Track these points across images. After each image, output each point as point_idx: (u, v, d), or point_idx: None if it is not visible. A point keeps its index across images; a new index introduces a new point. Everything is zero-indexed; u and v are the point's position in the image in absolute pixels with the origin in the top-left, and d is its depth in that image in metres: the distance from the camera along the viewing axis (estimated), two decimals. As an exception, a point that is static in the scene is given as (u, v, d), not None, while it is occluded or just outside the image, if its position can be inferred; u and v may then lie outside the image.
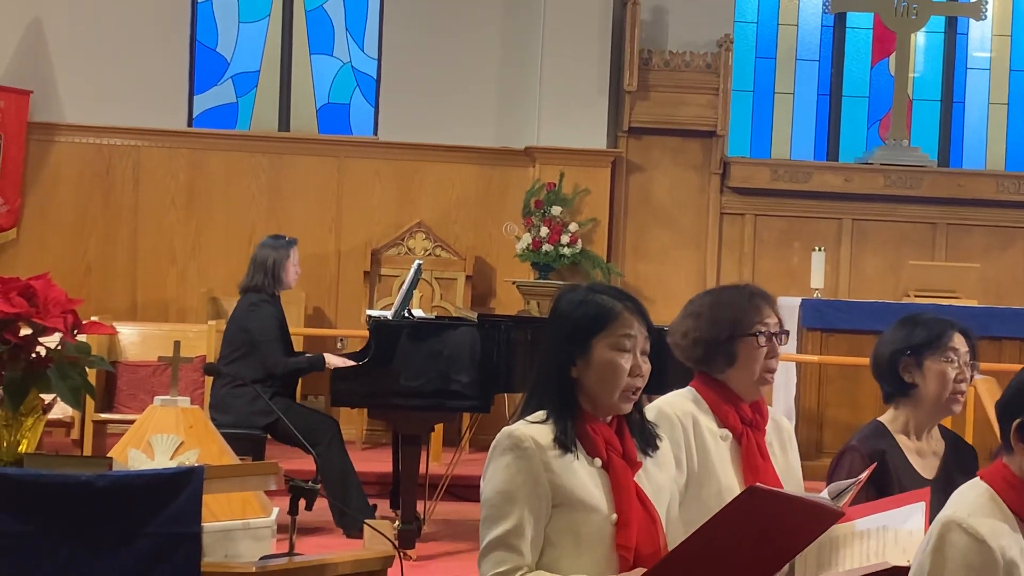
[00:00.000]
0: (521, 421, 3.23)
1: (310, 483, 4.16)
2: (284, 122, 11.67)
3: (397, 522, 7.34)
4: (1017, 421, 3.09)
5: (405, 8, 11.44)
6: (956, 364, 3.87)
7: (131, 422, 4.53)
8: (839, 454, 3.96)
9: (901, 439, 3.90)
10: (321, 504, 7.20)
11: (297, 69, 11.70)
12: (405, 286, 8.19)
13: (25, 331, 3.71)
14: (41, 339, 3.75)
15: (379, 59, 11.59)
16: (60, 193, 11.15)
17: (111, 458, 3.97)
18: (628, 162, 11.44)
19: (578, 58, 11.22)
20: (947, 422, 4.19)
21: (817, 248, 10.64)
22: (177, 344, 5.17)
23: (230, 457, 4.39)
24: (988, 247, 11.47)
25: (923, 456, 3.90)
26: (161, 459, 3.99)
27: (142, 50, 11.21)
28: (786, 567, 3.42)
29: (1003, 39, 11.98)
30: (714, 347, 3.68)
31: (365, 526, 4.36)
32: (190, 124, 11.49)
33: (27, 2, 11.08)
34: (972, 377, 3.98)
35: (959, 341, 3.90)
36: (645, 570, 3.07)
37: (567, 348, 3.21)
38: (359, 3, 11.70)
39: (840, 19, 11.83)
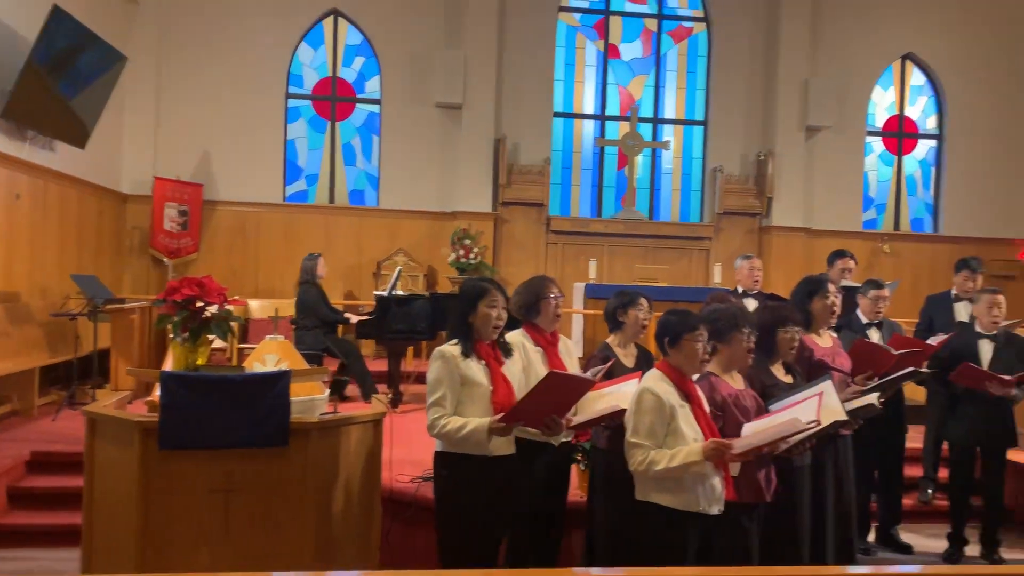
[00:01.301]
0: (446, 344, 3.27)
1: (344, 378, 4.14)
2: (332, 199, 11.49)
3: (390, 394, 7.32)
4: (664, 340, 3.21)
5: (391, 146, 11.33)
6: (643, 312, 3.94)
7: (254, 348, 4.44)
8: (589, 358, 4.02)
9: (617, 350, 3.97)
10: (352, 387, 7.15)
11: (337, 173, 11.53)
12: (393, 280, 8.16)
13: (199, 304, 3.66)
14: (207, 308, 3.70)
15: (379, 167, 11.46)
16: (219, 235, 10.91)
17: (244, 367, 3.92)
18: (501, 218, 11.43)
19: (478, 168, 11.20)
20: (642, 341, 4.23)
21: (593, 260, 10.74)
22: (276, 310, 5.09)
23: (304, 365, 4.34)
24: (672, 258, 11.60)
25: (627, 358, 3.98)
26: (269, 367, 3.94)
27: (261, 163, 11.04)
28: (573, 409, 3.48)
29: (678, 158, 12.16)
30: (529, 307, 3.73)
31: (373, 397, 4.35)
32: (284, 200, 11.26)
33: (201, 140, 10.86)
34: (650, 319, 4.05)
35: (644, 302, 3.98)
36: (505, 414, 3.12)
37: (467, 307, 3.25)
38: (368, 142, 11.56)
39: (603, 149, 11.94)
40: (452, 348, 3.23)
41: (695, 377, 3.31)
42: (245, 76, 10.94)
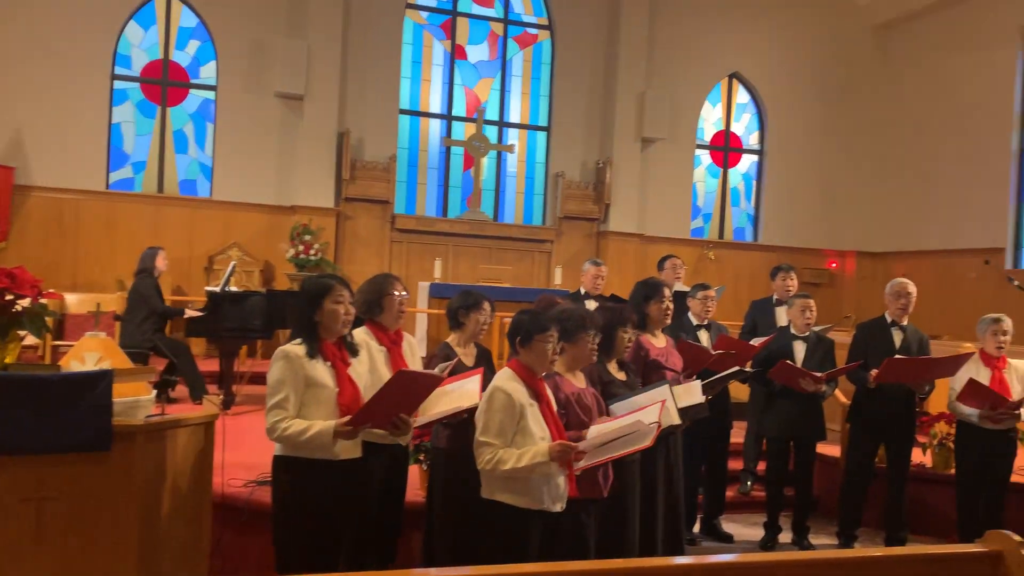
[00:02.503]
0: (289, 343, 3.14)
1: (173, 378, 3.92)
2: (160, 188, 10.85)
3: (221, 395, 7.01)
4: (517, 339, 3.24)
5: (227, 135, 10.86)
6: (485, 316, 3.96)
7: (72, 346, 4.12)
8: (430, 357, 4.01)
9: (457, 349, 3.96)
10: (181, 388, 6.79)
11: (167, 161, 10.91)
12: (226, 275, 7.82)
13: (9, 297, 3.34)
14: (19, 301, 3.38)
15: (213, 156, 10.95)
16: (32, 223, 10.04)
17: (60, 365, 3.62)
18: (344, 214, 11.22)
19: (320, 162, 10.95)
20: (482, 339, 4.22)
21: (438, 259, 10.74)
22: (98, 304, 4.77)
23: (128, 364, 4.06)
24: (515, 259, 11.78)
25: (467, 357, 3.96)
26: (89, 366, 3.65)
27: (81, 147, 10.27)
28: (423, 403, 3.43)
29: (522, 162, 12.39)
30: (372, 304, 3.65)
31: (204, 398, 4.14)
32: (107, 187, 10.51)
33: (12, 118, 9.95)
34: (491, 322, 4.08)
35: (487, 306, 4.00)
36: (351, 416, 3.04)
37: (311, 305, 3.14)
38: (202, 130, 11.01)
39: (449, 149, 11.96)
40: (296, 348, 3.11)
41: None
42: (66, 52, 10.13)
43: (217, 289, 7.49)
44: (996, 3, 11.45)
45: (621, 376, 3.99)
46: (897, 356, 5.13)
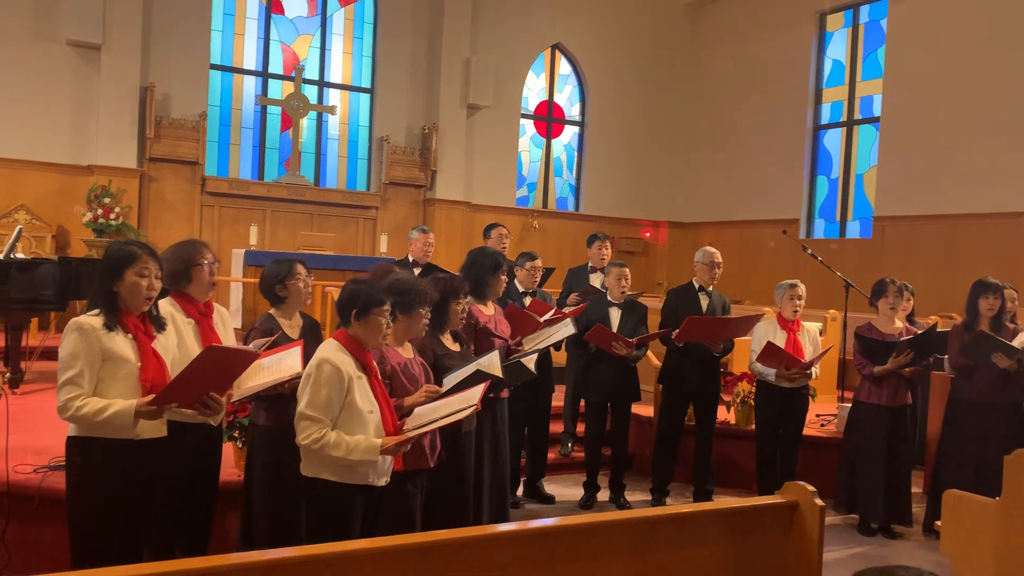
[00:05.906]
0: (85, 315, 2.87)
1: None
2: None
3: (7, 373, 6.38)
4: (352, 312, 3.15)
5: (9, 85, 9.79)
6: (303, 280, 3.77)
7: None
8: (250, 330, 3.77)
9: (282, 321, 3.75)
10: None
11: (-63, 111, 9.74)
12: (11, 240, 7.08)
13: None
14: None
15: (-7, 109, 9.89)
16: None
17: None
18: (148, 176, 10.47)
19: (120, 118, 10.18)
20: (308, 310, 4.05)
21: (254, 225, 10.29)
22: None
23: None
24: (338, 226, 11.47)
25: (292, 329, 3.77)
26: None
27: None
28: (242, 376, 3.25)
29: (344, 125, 12.03)
30: (179, 274, 3.40)
31: (-17, 377, 3.75)
32: None
33: None
34: (311, 284, 3.91)
35: (301, 268, 3.79)
36: (155, 395, 2.83)
37: (112, 275, 2.88)
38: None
39: (265, 109, 11.42)
40: (93, 319, 2.83)
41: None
42: None
43: (1, 256, 6.78)
44: (795, -11, 12.35)
45: (455, 347, 3.97)
46: (697, 316, 5.45)
